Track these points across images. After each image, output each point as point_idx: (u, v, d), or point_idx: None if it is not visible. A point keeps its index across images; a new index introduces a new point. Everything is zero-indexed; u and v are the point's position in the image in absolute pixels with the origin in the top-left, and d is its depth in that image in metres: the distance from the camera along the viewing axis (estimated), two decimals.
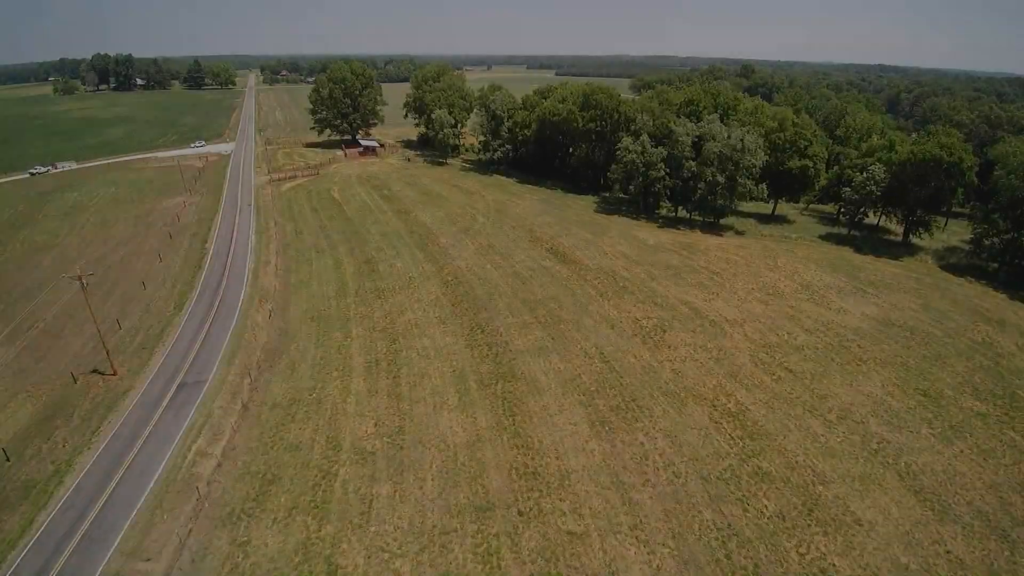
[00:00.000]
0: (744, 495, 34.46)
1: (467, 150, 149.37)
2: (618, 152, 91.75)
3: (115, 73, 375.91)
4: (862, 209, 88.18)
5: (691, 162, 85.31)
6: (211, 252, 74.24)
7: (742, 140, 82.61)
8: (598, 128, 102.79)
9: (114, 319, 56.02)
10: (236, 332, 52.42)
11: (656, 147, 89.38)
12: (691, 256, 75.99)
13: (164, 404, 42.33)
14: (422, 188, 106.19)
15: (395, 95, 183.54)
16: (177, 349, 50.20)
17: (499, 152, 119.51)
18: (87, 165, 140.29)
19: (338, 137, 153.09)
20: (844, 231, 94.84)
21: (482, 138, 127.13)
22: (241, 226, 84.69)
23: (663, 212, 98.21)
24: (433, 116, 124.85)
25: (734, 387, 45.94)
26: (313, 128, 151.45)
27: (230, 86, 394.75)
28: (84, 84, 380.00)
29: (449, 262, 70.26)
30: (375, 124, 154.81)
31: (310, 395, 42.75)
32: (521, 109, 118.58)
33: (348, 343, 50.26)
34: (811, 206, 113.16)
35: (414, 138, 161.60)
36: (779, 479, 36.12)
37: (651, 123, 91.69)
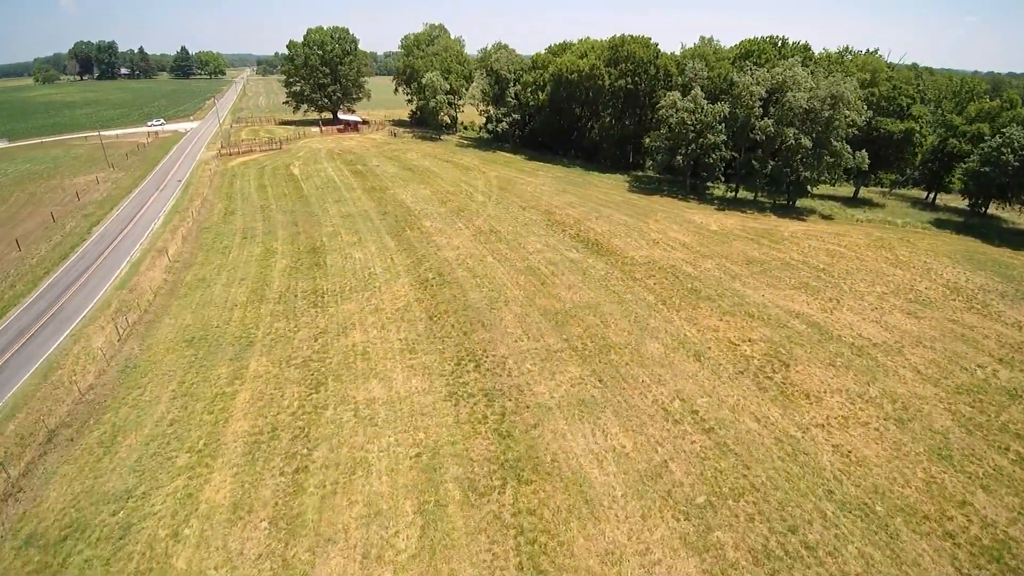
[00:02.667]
0: None
1: (467, 127, 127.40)
2: (661, 112, 69.38)
3: (97, 61, 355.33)
4: (995, 185, 65.52)
5: (765, 121, 62.78)
6: (94, 238, 52.08)
7: (835, 90, 60.12)
8: (630, 87, 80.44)
9: None
10: (44, 368, 30.16)
11: (713, 104, 67.08)
12: (776, 246, 53.62)
13: None
14: (406, 163, 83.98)
15: (391, 86, 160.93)
16: None
17: (504, 123, 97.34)
18: (19, 143, 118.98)
19: (316, 115, 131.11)
20: (956, 218, 72.54)
21: (483, 107, 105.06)
22: (154, 205, 62.62)
23: (717, 192, 75.61)
24: (423, 81, 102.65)
25: (960, 485, 23.60)
26: (286, 103, 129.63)
27: (220, 75, 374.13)
28: (66, 73, 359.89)
29: (433, 252, 48.07)
30: (359, 99, 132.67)
31: (111, 515, 20.41)
32: (531, 70, 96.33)
33: (234, 391, 27.88)
34: (895, 189, 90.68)
35: (407, 118, 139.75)
36: None
37: (705, 73, 69.29)
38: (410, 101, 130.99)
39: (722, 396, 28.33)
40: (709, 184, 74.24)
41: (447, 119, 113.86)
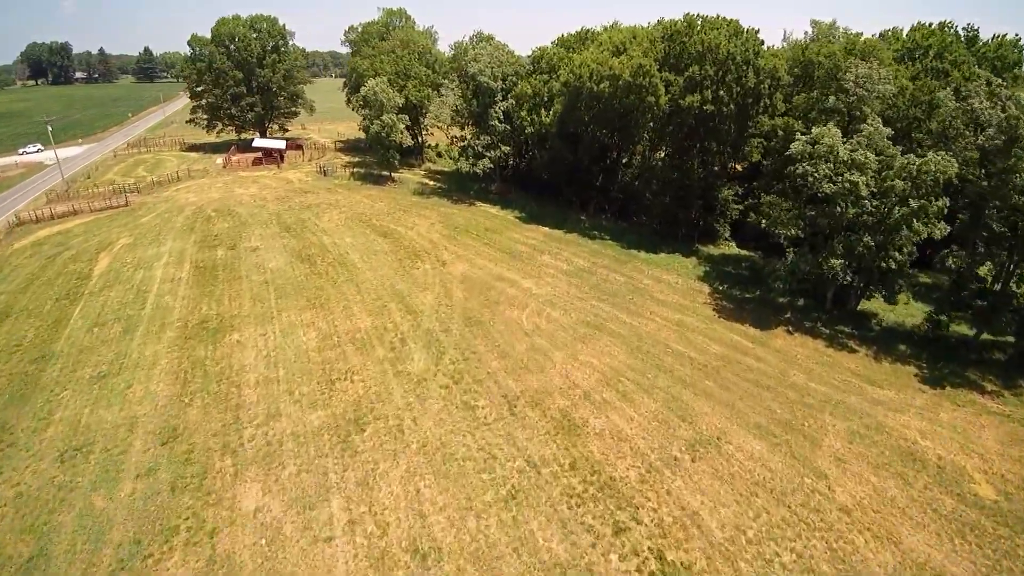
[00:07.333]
0: None
1: (441, 154, 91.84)
2: (798, 170, 33.88)
3: (50, 64, 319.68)
4: None
5: None
6: None
7: None
8: (708, 106, 44.71)
9: None
10: None
11: (907, 151, 31.73)
12: None
13: None
14: (309, 242, 48.23)
15: None
16: None
17: (487, 159, 61.91)
18: None
19: (235, 136, 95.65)
20: None
21: (457, 132, 69.95)
22: None
23: (890, 316, 39.62)
24: (363, 91, 67.51)
25: None
26: (190, 121, 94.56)
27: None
28: (15, 77, 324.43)
29: None
30: (296, 114, 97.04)
31: None
32: (532, 74, 60.79)
33: None
34: None
35: (364, 136, 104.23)
36: None
37: (891, 87, 33.76)
38: (365, 117, 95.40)
39: None
40: (871, 292, 38.42)
41: (403, 144, 78.02)
